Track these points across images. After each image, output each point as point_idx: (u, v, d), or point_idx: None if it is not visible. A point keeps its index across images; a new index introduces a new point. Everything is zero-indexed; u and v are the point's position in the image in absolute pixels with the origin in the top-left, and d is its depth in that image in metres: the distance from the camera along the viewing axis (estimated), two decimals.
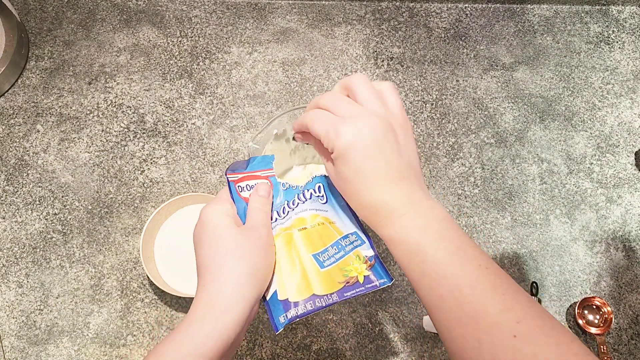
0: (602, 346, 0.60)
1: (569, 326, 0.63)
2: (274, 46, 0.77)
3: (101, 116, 0.71)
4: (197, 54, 0.76)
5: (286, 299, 0.38)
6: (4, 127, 0.70)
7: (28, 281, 0.62)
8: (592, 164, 0.72)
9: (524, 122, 0.74)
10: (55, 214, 0.66)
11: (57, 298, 0.61)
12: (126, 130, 0.71)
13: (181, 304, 0.62)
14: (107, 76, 0.74)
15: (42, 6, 0.79)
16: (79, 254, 0.64)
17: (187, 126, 0.71)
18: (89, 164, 0.69)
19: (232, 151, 0.70)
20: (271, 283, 0.39)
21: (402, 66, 0.77)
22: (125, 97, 0.73)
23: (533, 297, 0.63)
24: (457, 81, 0.76)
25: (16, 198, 0.66)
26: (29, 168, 0.68)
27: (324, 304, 0.37)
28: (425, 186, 0.38)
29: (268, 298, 0.38)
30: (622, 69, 0.79)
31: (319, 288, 0.38)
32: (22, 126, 0.70)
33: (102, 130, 0.71)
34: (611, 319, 0.61)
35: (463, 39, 0.80)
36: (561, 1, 0.83)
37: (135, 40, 0.77)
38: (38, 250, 0.64)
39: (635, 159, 0.72)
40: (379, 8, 0.81)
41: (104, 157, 0.69)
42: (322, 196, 0.43)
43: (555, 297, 0.64)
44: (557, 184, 0.70)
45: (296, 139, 0.42)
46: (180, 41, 0.77)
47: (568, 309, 0.64)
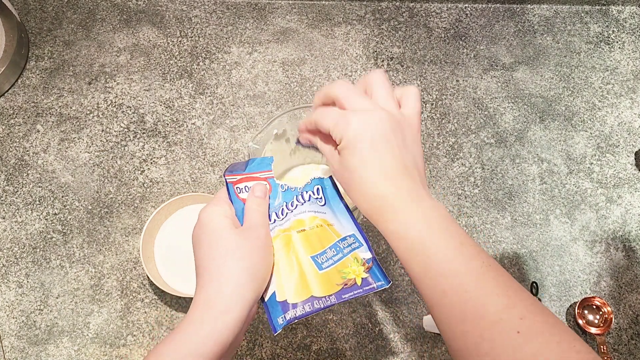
0: (602, 346, 0.60)
1: (568, 326, 0.63)
2: (274, 46, 0.77)
3: (101, 116, 0.71)
4: (197, 54, 0.76)
5: (285, 300, 0.37)
6: (4, 127, 0.70)
7: (28, 281, 0.62)
8: (592, 164, 0.72)
9: (524, 122, 0.74)
10: (55, 214, 0.66)
11: (57, 298, 0.61)
12: (126, 130, 0.71)
13: (181, 304, 0.62)
14: (107, 76, 0.74)
15: (42, 6, 0.79)
16: (79, 254, 0.64)
17: (187, 126, 0.71)
18: (89, 164, 0.69)
19: (232, 151, 0.70)
20: (270, 284, 0.38)
21: (402, 66, 0.77)
22: (125, 97, 0.73)
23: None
24: (457, 81, 0.76)
25: (16, 198, 0.66)
26: (29, 168, 0.68)
27: (322, 306, 0.37)
28: (427, 188, 0.38)
29: (266, 299, 0.38)
30: (622, 69, 0.79)
31: (317, 290, 0.38)
32: (22, 126, 0.70)
33: (102, 130, 0.71)
34: (611, 319, 0.61)
35: (463, 39, 0.80)
36: (561, 1, 0.83)
37: (135, 40, 0.77)
38: (38, 250, 0.64)
39: (635, 159, 0.72)
40: (379, 8, 0.81)
41: (104, 157, 0.69)
42: (321, 198, 0.43)
43: (555, 297, 0.64)
44: (557, 184, 0.70)
45: (301, 141, 0.42)
46: (180, 41, 0.77)
47: (568, 309, 0.64)
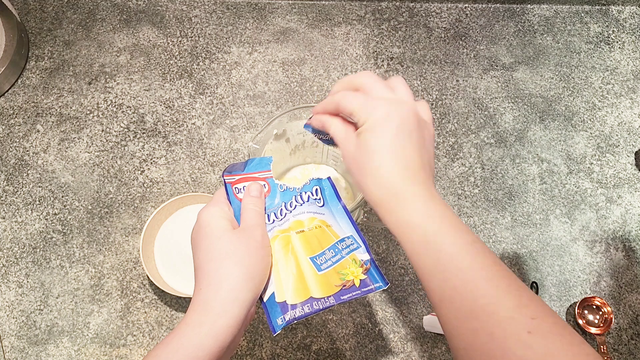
0: (602, 346, 0.60)
1: None
2: (274, 46, 0.77)
3: (101, 116, 0.71)
4: (197, 54, 0.76)
5: (284, 301, 0.38)
6: (4, 127, 0.70)
7: (28, 281, 0.62)
8: (592, 164, 0.72)
9: (524, 122, 0.74)
10: (55, 214, 0.66)
11: (57, 298, 0.61)
12: (126, 130, 0.71)
13: (181, 304, 0.62)
14: (107, 76, 0.74)
15: (42, 6, 0.79)
16: (79, 254, 0.64)
17: (187, 126, 0.71)
18: (89, 164, 0.69)
19: (232, 151, 0.70)
20: (269, 284, 0.38)
21: (402, 66, 0.77)
22: (125, 97, 0.73)
23: None
24: (457, 81, 0.76)
25: (16, 198, 0.66)
26: (29, 168, 0.68)
27: (321, 307, 0.38)
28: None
29: (266, 300, 0.38)
30: (622, 69, 0.79)
31: (316, 291, 0.38)
32: (22, 126, 0.70)
33: (102, 130, 0.71)
34: (611, 319, 0.61)
35: (463, 39, 0.80)
36: (561, 1, 0.83)
37: (135, 40, 0.77)
38: (38, 250, 0.64)
39: (635, 159, 0.72)
40: (379, 8, 0.81)
41: (104, 157, 0.69)
42: (319, 199, 0.43)
43: (555, 297, 0.64)
44: (557, 184, 0.70)
45: (313, 123, 0.41)
46: (180, 41, 0.77)
47: (568, 309, 0.64)
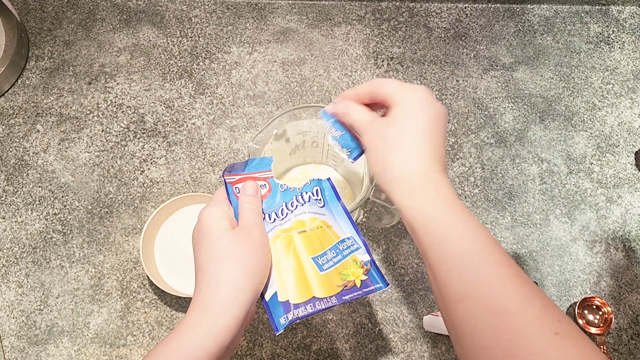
0: (602, 346, 0.60)
1: None
2: (274, 46, 0.77)
3: (101, 116, 0.71)
4: (197, 54, 0.76)
5: (287, 300, 0.38)
6: (4, 127, 0.70)
7: (28, 281, 0.62)
8: (592, 164, 0.72)
9: (524, 122, 0.74)
10: (55, 214, 0.66)
11: (57, 298, 0.61)
12: (126, 130, 0.71)
13: (181, 304, 0.62)
14: (107, 76, 0.74)
15: (42, 6, 0.79)
16: (79, 254, 0.64)
17: (187, 126, 0.71)
18: (89, 164, 0.69)
19: (232, 151, 0.70)
20: (271, 283, 0.39)
21: (402, 66, 0.77)
22: (125, 97, 0.73)
23: None
24: (457, 81, 0.76)
25: (16, 198, 0.66)
26: (29, 168, 0.68)
27: (323, 307, 0.38)
28: None
29: (268, 299, 0.38)
30: (622, 69, 0.79)
31: (318, 291, 0.38)
32: (22, 126, 0.70)
33: (102, 130, 0.71)
34: (611, 319, 0.61)
35: (463, 39, 0.80)
36: (561, 1, 0.83)
37: (135, 40, 0.77)
38: (38, 250, 0.64)
39: (635, 159, 0.72)
40: (379, 8, 0.81)
41: (104, 157, 0.69)
42: (320, 200, 0.43)
43: (555, 297, 0.64)
44: (557, 184, 0.70)
45: (337, 108, 0.42)
46: (180, 41, 0.77)
47: (568, 309, 0.64)
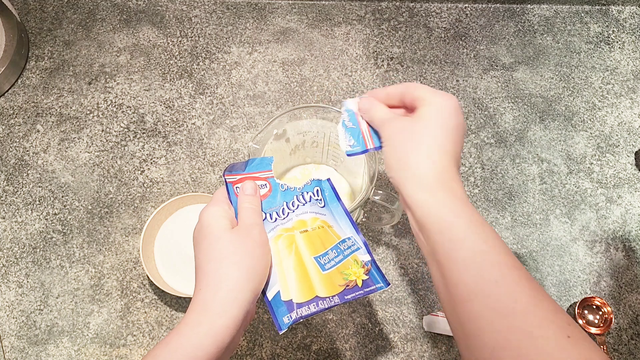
0: (602, 346, 0.60)
1: None
2: (274, 46, 0.77)
3: (101, 116, 0.71)
4: (197, 54, 0.76)
5: (290, 299, 0.38)
6: (4, 127, 0.70)
7: (28, 281, 0.62)
8: (592, 164, 0.72)
9: (524, 122, 0.74)
10: (55, 214, 0.66)
11: (57, 298, 0.61)
12: (126, 130, 0.71)
13: (181, 304, 0.62)
14: (107, 76, 0.74)
15: (42, 6, 0.79)
16: (79, 254, 0.64)
17: (187, 126, 0.71)
18: (89, 164, 0.69)
19: (232, 151, 0.70)
20: (274, 283, 0.39)
21: (402, 66, 0.77)
22: (125, 97, 0.73)
23: None
24: (457, 81, 0.76)
25: (16, 198, 0.66)
26: (29, 168, 0.68)
27: (326, 306, 0.38)
28: None
29: (271, 298, 0.38)
30: (622, 69, 0.79)
31: (321, 290, 0.38)
32: (22, 126, 0.70)
33: (102, 130, 0.71)
34: (611, 319, 0.61)
35: (463, 39, 0.80)
36: (561, 1, 0.83)
37: (135, 40, 0.77)
38: (38, 250, 0.64)
39: (635, 159, 0.72)
40: (379, 8, 0.81)
41: (104, 157, 0.69)
42: (320, 200, 0.43)
43: (555, 297, 0.64)
44: (557, 184, 0.70)
45: (362, 104, 0.43)
46: (180, 41, 0.77)
47: (568, 309, 0.64)
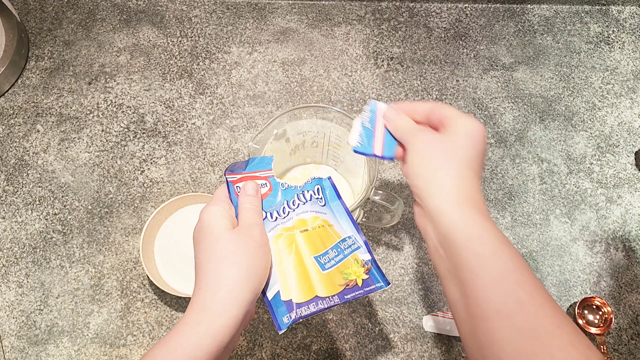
0: (602, 346, 0.60)
1: None
2: (274, 46, 0.77)
3: (101, 116, 0.71)
4: (197, 54, 0.76)
5: (290, 299, 0.38)
6: (4, 127, 0.70)
7: (28, 281, 0.62)
8: (592, 164, 0.72)
9: (524, 122, 0.74)
10: (55, 214, 0.66)
11: (57, 298, 0.61)
12: (126, 130, 0.71)
13: (181, 304, 0.62)
14: (107, 76, 0.74)
15: (42, 6, 0.79)
16: (79, 254, 0.64)
17: (187, 126, 0.71)
18: (89, 164, 0.69)
19: (232, 151, 0.70)
20: (274, 283, 0.39)
21: (402, 66, 0.77)
22: (125, 97, 0.73)
23: None
24: (457, 81, 0.76)
25: (16, 198, 0.66)
26: (29, 168, 0.68)
27: (326, 306, 0.38)
28: None
29: (271, 298, 0.38)
30: (622, 69, 0.79)
31: (321, 290, 0.38)
32: (22, 126, 0.70)
33: (102, 130, 0.71)
34: (611, 319, 0.61)
35: (463, 39, 0.80)
36: (561, 1, 0.83)
37: (135, 40, 0.77)
38: (38, 250, 0.64)
39: (635, 159, 0.72)
40: (379, 8, 0.81)
41: (104, 157, 0.69)
42: (321, 198, 0.43)
43: (555, 297, 0.64)
44: (557, 184, 0.70)
45: (388, 111, 0.43)
46: (180, 41, 0.77)
47: (568, 309, 0.64)
